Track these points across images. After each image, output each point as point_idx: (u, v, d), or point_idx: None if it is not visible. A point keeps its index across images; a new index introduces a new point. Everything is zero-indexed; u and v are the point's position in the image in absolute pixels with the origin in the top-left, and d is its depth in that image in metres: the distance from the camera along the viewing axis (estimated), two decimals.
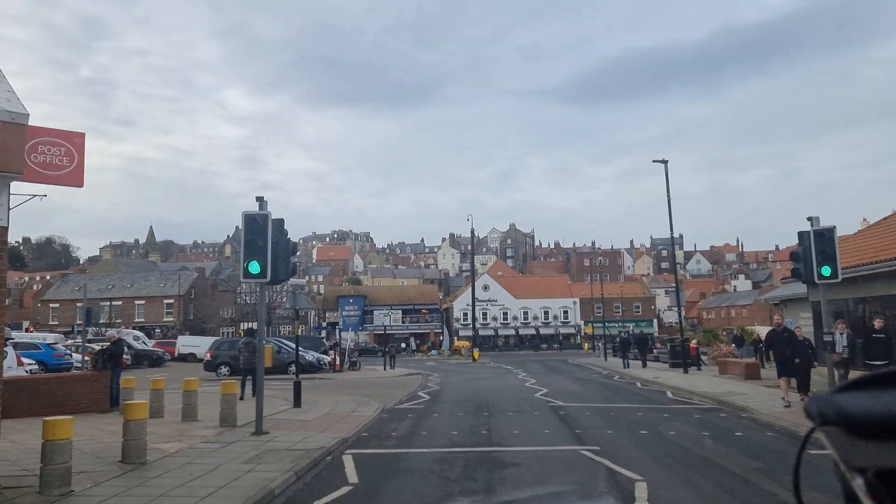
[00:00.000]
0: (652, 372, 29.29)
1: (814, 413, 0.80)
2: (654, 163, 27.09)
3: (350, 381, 26.33)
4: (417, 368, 39.80)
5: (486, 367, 39.50)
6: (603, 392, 19.96)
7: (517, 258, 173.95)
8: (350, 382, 25.85)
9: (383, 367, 35.24)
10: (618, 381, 25.50)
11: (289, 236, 11.97)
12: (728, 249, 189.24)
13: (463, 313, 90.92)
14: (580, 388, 21.33)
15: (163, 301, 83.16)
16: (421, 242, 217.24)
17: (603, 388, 21.44)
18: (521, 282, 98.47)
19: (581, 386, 22.50)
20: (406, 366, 43.56)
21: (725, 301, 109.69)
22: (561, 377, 27.58)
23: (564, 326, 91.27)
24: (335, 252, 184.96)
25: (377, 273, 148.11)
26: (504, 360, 56.70)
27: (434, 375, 30.75)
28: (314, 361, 29.86)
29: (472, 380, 26.58)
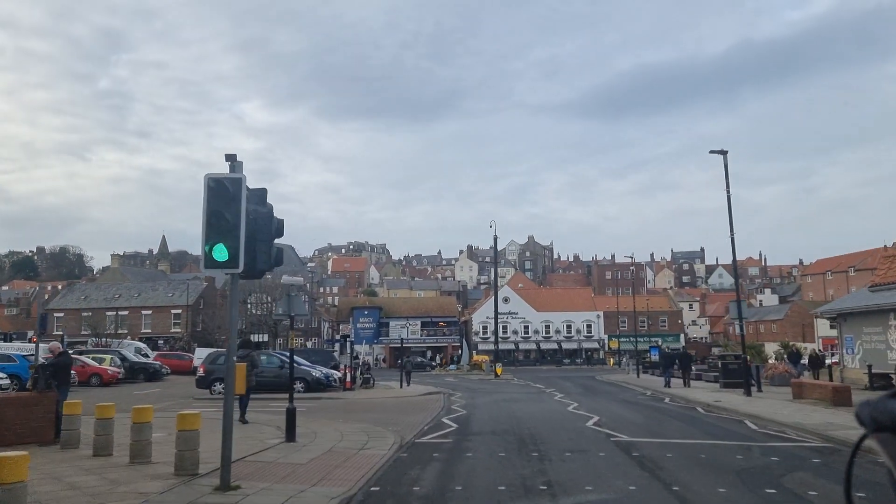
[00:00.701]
0: (704, 393, 25.67)
1: (866, 419, 0.77)
2: (712, 153, 23.66)
3: (362, 403, 22.94)
4: (436, 386, 36.36)
5: (512, 385, 35.99)
6: (666, 421, 16.42)
7: (536, 271, 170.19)
8: (361, 404, 22.46)
9: (399, 385, 31.80)
10: (672, 404, 21.92)
11: (279, 222, 8.67)
12: (751, 263, 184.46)
13: (482, 326, 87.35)
14: (635, 415, 17.79)
15: (170, 311, 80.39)
16: (438, 255, 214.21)
17: (662, 415, 17.89)
18: (543, 294, 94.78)
19: (634, 411, 18.95)
20: (423, 382, 40.12)
21: (753, 316, 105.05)
22: (605, 399, 24.00)
23: (588, 341, 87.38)
24: (351, 264, 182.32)
25: (393, 285, 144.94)
26: (527, 375, 53.05)
27: (457, 395, 27.31)
28: (322, 378, 26.52)
29: (503, 401, 23.09)
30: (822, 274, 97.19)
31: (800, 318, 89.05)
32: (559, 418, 16.68)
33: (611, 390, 30.45)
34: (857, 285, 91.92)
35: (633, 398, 24.89)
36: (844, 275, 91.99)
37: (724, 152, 23.49)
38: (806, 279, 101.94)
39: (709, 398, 22.57)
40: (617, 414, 17.91)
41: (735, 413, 17.80)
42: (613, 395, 27.06)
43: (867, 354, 31.58)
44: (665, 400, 23.62)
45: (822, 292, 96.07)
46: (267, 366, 26.02)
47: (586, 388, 31.50)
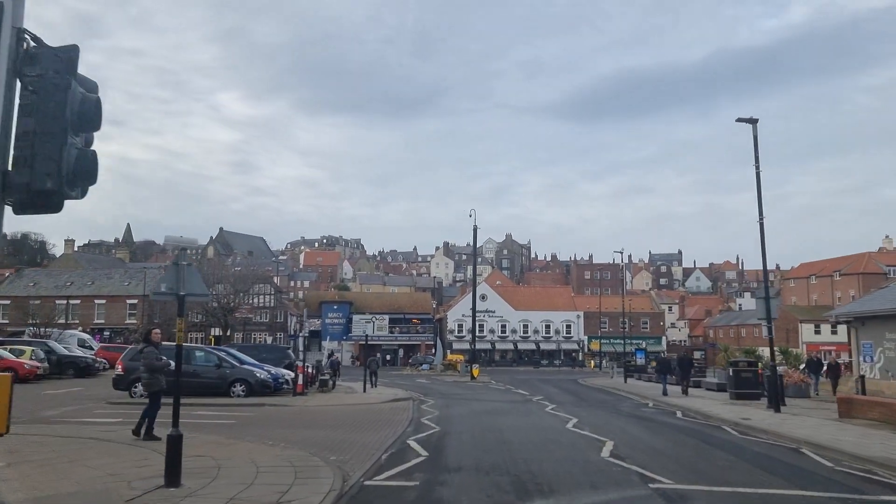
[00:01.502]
0: (716, 405, 21.97)
1: None
2: (739, 122, 19.93)
3: (311, 413, 18.81)
4: (406, 388, 32.32)
5: (491, 390, 32.03)
6: (702, 448, 12.52)
7: (514, 270, 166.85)
8: (310, 414, 18.33)
9: (363, 388, 27.66)
10: (689, 420, 18.11)
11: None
12: (728, 267, 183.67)
13: (458, 325, 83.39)
14: (656, 438, 13.89)
15: (125, 301, 75.27)
16: (414, 251, 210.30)
17: (690, 438, 14.00)
18: (521, 292, 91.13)
19: (651, 432, 15.04)
20: (392, 384, 36.05)
21: (734, 319, 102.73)
22: (604, 412, 20.11)
23: (567, 342, 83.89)
24: (323, 258, 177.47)
25: (366, 280, 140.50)
26: (506, 378, 49.14)
27: (429, 402, 23.30)
28: (268, 380, 22.29)
29: (484, 413, 19.11)
30: (805, 278, 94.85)
31: (783, 323, 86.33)
32: (562, 443, 12.69)
33: (605, 399, 26.65)
34: (842, 290, 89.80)
35: (637, 410, 21.05)
36: (829, 279, 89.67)
37: (753, 121, 19.77)
38: (788, 283, 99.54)
39: (729, 413, 18.82)
40: (633, 436, 13.99)
41: (779, 437, 14.01)
42: (611, 405, 23.22)
43: (890, 363, 28.17)
44: (677, 414, 19.79)
45: (806, 297, 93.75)
46: (201, 364, 21.77)
47: (577, 396, 27.66)
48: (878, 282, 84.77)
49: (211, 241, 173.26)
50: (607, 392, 32.36)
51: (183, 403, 19.31)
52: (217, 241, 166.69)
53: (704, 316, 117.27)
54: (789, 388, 26.40)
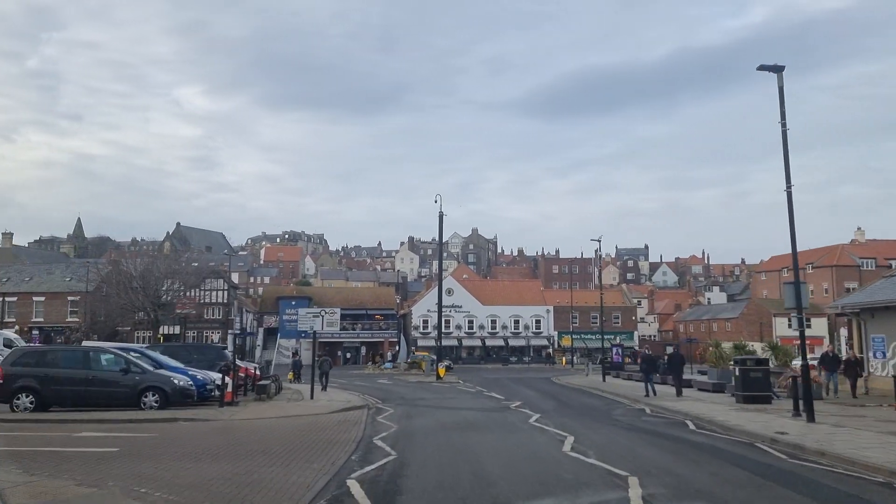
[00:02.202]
0: (726, 411, 18.58)
1: None
2: (761, 70, 16.50)
3: (232, 432, 14.79)
4: (363, 391, 28.43)
5: (460, 393, 28.29)
6: (771, 491, 8.90)
7: (480, 265, 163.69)
8: (230, 434, 14.33)
9: (311, 393, 23.65)
10: (710, 435, 14.55)
11: None
12: (694, 262, 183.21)
13: (422, 320, 79.51)
14: (689, 469, 10.23)
15: (66, 298, 69.80)
16: (378, 246, 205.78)
17: (741, 471, 10.32)
18: (489, 287, 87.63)
19: (676, 457, 11.38)
20: (350, 386, 32.15)
21: (705, 314, 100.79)
22: (601, 424, 16.43)
23: (536, 337, 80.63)
24: (285, 253, 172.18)
25: (328, 275, 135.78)
26: (474, 377, 45.50)
27: (387, 411, 19.46)
28: (188, 388, 18.18)
29: (455, 428, 15.31)
30: (777, 271, 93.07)
31: (756, 317, 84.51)
32: (568, 482, 8.95)
33: (592, 404, 23.09)
34: (815, 283, 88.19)
35: (638, 420, 17.46)
36: (802, 272, 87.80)
37: (778, 68, 16.36)
38: (760, 276, 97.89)
39: (753, 424, 15.37)
40: (657, 466, 10.32)
41: (852, 465, 10.51)
42: (603, 413, 19.64)
43: None
44: (687, 425, 16.24)
45: (777, 290, 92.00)
46: (104, 369, 17.61)
47: (559, 401, 24.04)
48: (852, 274, 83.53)
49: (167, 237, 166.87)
50: (590, 394, 28.89)
51: (72, 420, 15.18)
52: (174, 237, 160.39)
53: (674, 310, 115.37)
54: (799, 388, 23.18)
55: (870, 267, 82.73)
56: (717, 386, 26.99)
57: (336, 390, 29.48)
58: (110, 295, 63.39)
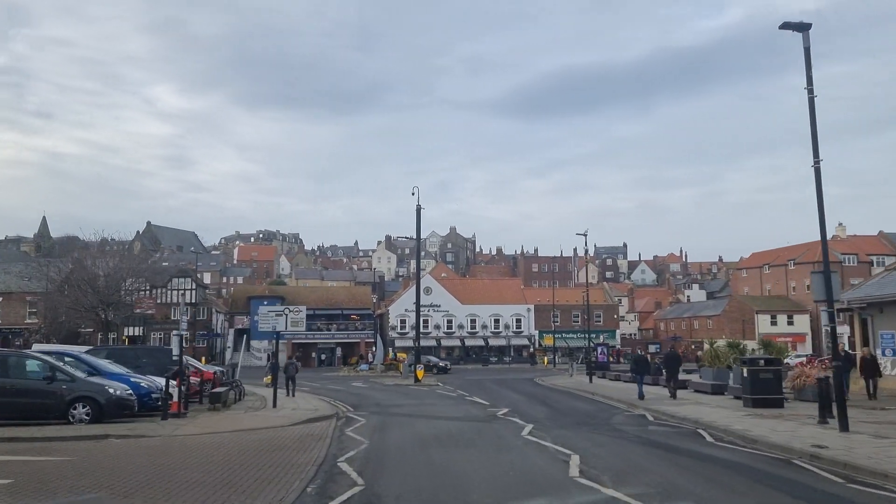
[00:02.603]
0: (741, 418, 16.56)
1: None
2: (784, 28, 14.48)
3: (170, 453, 12.34)
4: (336, 396, 26.10)
5: (440, 398, 26.04)
6: None
7: (458, 264, 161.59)
8: (166, 456, 11.89)
9: (273, 400, 21.22)
10: (735, 450, 12.42)
11: None
12: (672, 260, 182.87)
13: (400, 320, 77.09)
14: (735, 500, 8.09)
15: (24, 298, 66.38)
16: (355, 245, 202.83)
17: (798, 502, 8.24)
18: (468, 285, 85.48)
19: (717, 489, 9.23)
20: (322, 390, 29.78)
21: (686, 312, 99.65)
22: (608, 437, 14.23)
23: (517, 337, 78.63)
24: (259, 252, 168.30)
25: (303, 275, 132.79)
26: (455, 379, 43.33)
27: (359, 422, 17.16)
28: (127, 398, 15.71)
29: (436, 444, 13.05)
30: (758, 268, 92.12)
31: (739, 314, 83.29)
32: None
33: (587, 410, 20.97)
34: (797, 279, 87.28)
35: (644, 430, 15.31)
36: (783, 268, 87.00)
37: (804, 27, 14.35)
38: (740, 274, 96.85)
39: (779, 436, 13.32)
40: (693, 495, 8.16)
41: None
42: (602, 421, 17.51)
43: None
44: (703, 436, 14.14)
45: (759, 287, 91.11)
46: (22, 377, 15.07)
47: (550, 407, 21.87)
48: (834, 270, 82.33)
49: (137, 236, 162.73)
50: (580, 397, 26.82)
51: None
52: (144, 236, 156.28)
53: (654, 308, 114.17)
54: (807, 389, 21.30)
55: (852, 263, 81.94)
56: (717, 388, 25.03)
57: (305, 395, 27.09)
58: (66, 295, 60.13)
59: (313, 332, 74.35)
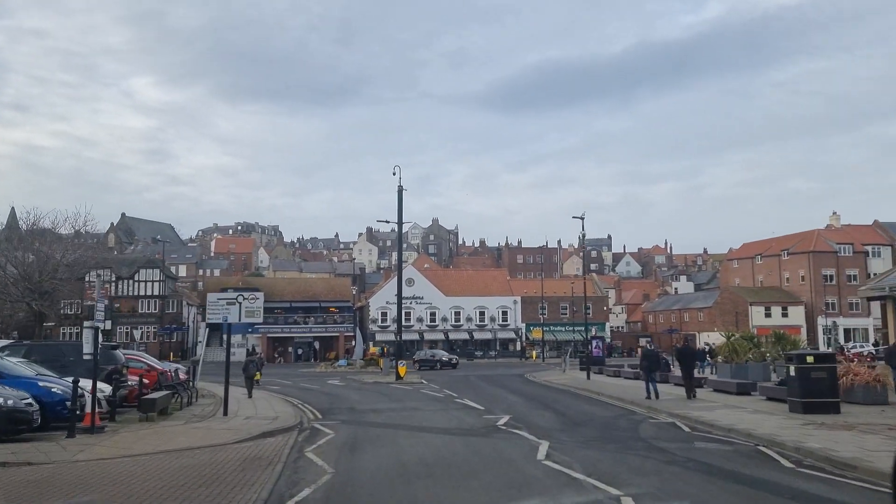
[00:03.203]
0: (820, 433, 13.29)
1: None
2: None
3: (49, 489, 8.76)
4: (305, 397, 22.60)
5: (425, 400, 22.62)
6: None
7: (441, 256, 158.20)
8: (41, 497, 8.30)
9: (223, 408, 17.64)
10: (853, 487, 9.11)
11: None
12: (658, 252, 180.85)
13: (381, 313, 73.51)
14: None
15: None
16: (335, 238, 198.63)
17: None
18: (452, 277, 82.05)
19: None
20: (291, 390, 26.26)
21: (676, 304, 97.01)
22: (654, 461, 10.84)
23: (503, 330, 75.38)
24: (237, 244, 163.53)
25: (281, 266, 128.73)
26: (440, 376, 39.94)
27: (325, 437, 13.68)
28: (21, 409, 12.09)
29: (425, 474, 9.61)
30: (750, 258, 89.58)
31: (731, 306, 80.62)
32: None
33: (605, 418, 17.62)
34: (791, 270, 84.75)
35: (692, 449, 11.94)
36: (777, 259, 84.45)
37: None
38: (731, 264, 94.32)
39: (873, 454, 10.07)
40: None
41: None
42: (631, 433, 14.15)
43: None
44: (777, 459, 10.83)
45: (751, 278, 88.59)
46: None
47: (558, 413, 18.46)
48: (829, 260, 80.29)
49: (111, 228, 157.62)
50: (585, 398, 23.53)
51: None
52: (119, 228, 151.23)
53: (642, 300, 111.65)
54: (857, 390, 18.14)
55: (847, 253, 79.57)
56: (742, 386, 21.81)
57: (269, 397, 23.56)
58: None
59: (290, 326, 70.66)
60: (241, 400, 21.56)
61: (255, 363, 24.43)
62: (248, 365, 23.93)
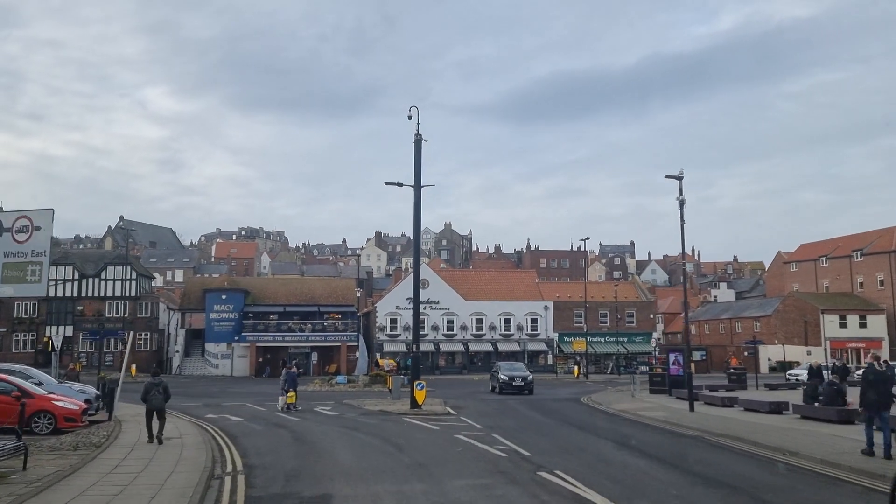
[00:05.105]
0: None
1: None
2: None
3: None
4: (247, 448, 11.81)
5: (469, 457, 11.79)
6: None
7: (454, 262, 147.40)
8: None
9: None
10: None
11: None
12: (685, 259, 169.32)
13: (389, 319, 62.67)
14: None
15: None
16: (342, 243, 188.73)
17: None
18: (472, 279, 71.06)
19: None
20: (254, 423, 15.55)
21: (724, 312, 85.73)
22: None
23: (533, 340, 64.29)
24: (238, 249, 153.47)
25: (281, 270, 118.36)
26: (470, 402, 28.96)
27: None
28: None
29: None
30: (812, 261, 78.23)
31: (798, 314, 68.97)
32: None
33: None
34: (866, 273, 73.15)
35: None
36: (847, 260, 73.05)
37: None
38: (788, 268, 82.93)
39: None
40: None
41: None
42: None
43: None
44: None
45: (813, 283, 77.26)
46: None
47: None
48: None
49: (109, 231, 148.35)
50: (748, 457, 12.67)
51: None
52: (116, 232, 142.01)
53: (680, 309, 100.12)
54: None
55: None
56: None
57: (195, 444, 12.89)
58: None
59: (283, 334, 59.96)
60: (140, 446, 10.92)
61: (157, 391, 13.85)
62: (150, 393, 13.54)
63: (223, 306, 59.86)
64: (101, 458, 12.45)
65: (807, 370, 29.74)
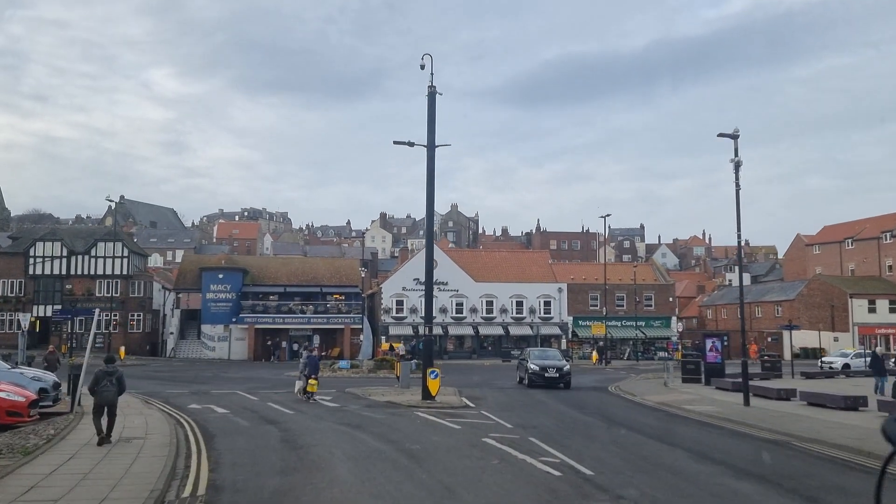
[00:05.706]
0: None
1: (893, 435, 0.74)
2: None
3: None
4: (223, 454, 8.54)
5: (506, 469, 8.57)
6: None
7: (460, 244, 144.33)
8: None
9: None
10: None
11: None
12: (696, 243, 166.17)
13: (395, 301, 59.53)
14: None
15: None
16: (347, 225, 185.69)
17: None
18: (482, 259, 67.76)
19: None
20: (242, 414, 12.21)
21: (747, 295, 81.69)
22: None
23: (546, 324, 61.07)
24: (240, 230, 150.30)
25: (283, 250, 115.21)
26: (486, 391, 25.75)
27: None
28: None
29: None
30: (837, 243, 74.65)
31: (824, 298, 65.60)
32: None
33: None
34: (894, 256, 70.27)
35: None
36: (875, 242, 69.51)
37: None
38: (811, 250, 79.33)
39: None
40: None
41: None
42: None
43: None
44: None
45: (838, 266, 73.79)
46: None
47: None
48: None
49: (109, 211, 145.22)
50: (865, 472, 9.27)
51: None
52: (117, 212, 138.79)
53: (696, 293, 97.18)
54: None
55: None
56: None
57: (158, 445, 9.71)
58: None
59: (283, 316, 56.89)
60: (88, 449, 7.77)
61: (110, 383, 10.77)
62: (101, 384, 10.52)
63: (220, 286, 56.73)
64: (19, 471, 9.31)
65: (870, 357, 26.55)
